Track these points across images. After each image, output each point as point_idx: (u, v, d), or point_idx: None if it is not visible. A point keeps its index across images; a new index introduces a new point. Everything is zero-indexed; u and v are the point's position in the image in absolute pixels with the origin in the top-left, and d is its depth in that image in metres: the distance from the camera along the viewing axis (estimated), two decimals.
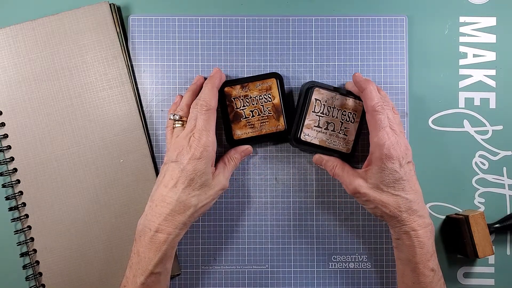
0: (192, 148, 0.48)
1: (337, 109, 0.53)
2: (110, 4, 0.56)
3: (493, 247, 0.55)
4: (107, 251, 0.55)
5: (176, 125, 0.52)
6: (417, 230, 0.47)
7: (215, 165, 0.52)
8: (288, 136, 0.54)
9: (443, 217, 0.58)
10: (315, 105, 0.53)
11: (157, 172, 0.56)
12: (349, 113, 0.54)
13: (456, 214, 0.56)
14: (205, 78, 0.55)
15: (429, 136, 0.58)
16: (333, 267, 0.57)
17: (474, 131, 0.58)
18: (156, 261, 0.47)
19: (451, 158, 0.58)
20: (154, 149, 0.57)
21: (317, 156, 0.55)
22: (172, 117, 0.52)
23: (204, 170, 0.48)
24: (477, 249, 0.53)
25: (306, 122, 0.53)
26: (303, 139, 0.53)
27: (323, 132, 0.53)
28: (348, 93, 0.54)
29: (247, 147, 0.55)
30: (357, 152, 0.57)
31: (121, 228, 0.55)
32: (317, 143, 0.53)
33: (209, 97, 0.50)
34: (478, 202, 0.58)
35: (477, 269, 0.57)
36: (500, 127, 0.58)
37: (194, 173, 0.47)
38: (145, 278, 0.47)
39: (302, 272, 0.57)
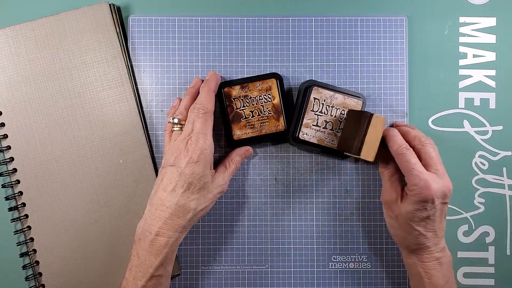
0: (190, 151, 0.48)
1: (335, 108, 0.53)
2: (110, 5, 0.56)
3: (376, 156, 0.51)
4: (107, 251, 0.55)
5: (175, 129, 0.52)
6: (425, 262, 0.48)
7: (216, 168, 0.52)
8: (287, 136, 0.54)
9: None
10: (313, 104, 0.53)
11: (157, 172, 0.56)
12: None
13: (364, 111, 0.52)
14: (203, 81, 0.55)
15: (429, 136, 0.58)
16: (333, 267, 0.57)
17: (474, 131, 0.58)
18: (157, 264, 0.47)
19: (451, 158, 0.58)
20: (154, 149, 0.57)
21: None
22: (171, 121, 0.52)
23: (202, 173, 0.48)
24: (363, 147, 0.49)
25: (305, 121, 0.53)
26: (301, 138, 0.53)
27: (322, 131, 0.53)
28: (347, 92, 0.54)
29: (248, 149, 0.55)
30: None
31: (121, 228, 0.55)
32: (316, 142, 0.53)
33: (206, 101, 0.50)
34: (478, 202, 0.58)
35: (477, 269, 0.57)
36: (500, 127, 0.58)
37: (192, 176, 0.47)
38: (146, 281, 0.47)
39: (302, 272, 0.57)
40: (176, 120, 0.51)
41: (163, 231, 0.47)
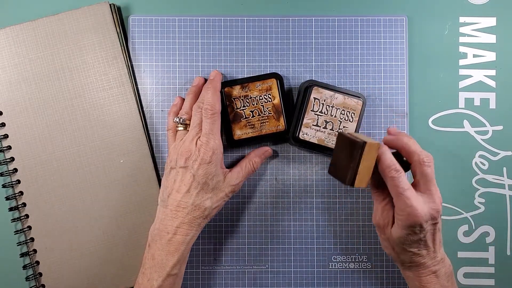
0: (201, 152, 0.48)
1: (335, 108, 0.53)
2: (110, 4, 0.56)
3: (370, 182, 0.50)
4: (107, 251, 0.55)
5: (179, 128, 0.52)
6: (421, 277, 0.47)
7: (232, 168, 0.53)
8: (287, 136, 0.54)
9: (443, 217, 0.57)
10: (313, 104, 0.53)
11: (157, 172, 0.56)
12: (348, 112, 0.54)
13: (349, 134, 0.49)
14: (206, 79, 0.55)
15: (429, 136, 0.58)
16: (333, 267, 0.57)
17: (474, 131, 0.58)
18: (174, 262, 0.48)
19: (451, 158, 0.58)
20: (154, 149, 0.57)
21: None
22: (177, 120, 0.52)
23: (215, 173, 0.49)
24: (357, 177, 0.47)
25: (305, 121, 0.53)
26: (301, 138, 0.53)
27: (322, 131, 0.53)
28: (347, 92, 0.54)
29: (267, 149, 0.55)
30: None
31: (121, 228, 0.55)
32: (316, 142, 0.53)
33: (213, 101, 0.50)
34: (478, 202, 0.58)
35: (477, 269, 0.57)
36: (500, 127, 0.58)
37: (205, 177, 0.48)
38: (163, 280, 0.48)
39: (302, 272, 0.57)
40: (181, 120, 0.52)
41: (181, 230, 0.48)
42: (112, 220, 0.55)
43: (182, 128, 0.52)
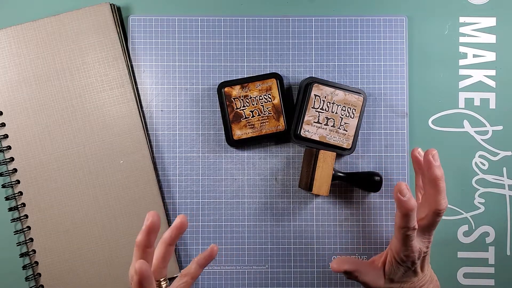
0: None
1: (336, 104, 0.53)
2: (110, 5, 0.56)
3: (330, 189, 0.54)
4: (106, 252, 0.55)
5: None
6: None
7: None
8: (288, 134, 0.54)
9: (443, 217, 0.57)
10: (314, 101, 0.53)
11: (157, 172, 0.56)
12: (349, 109, 0.54)
13: (311, 147, 0.54)
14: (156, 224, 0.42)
15: (429, 137, 0.58)
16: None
17: (474, 131, 0.58)
18: None
19: (451, 159, 0.58)
20: (154, 150, 0.57)
21: (336, 264, 0.50)
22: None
23: None
24: (314, 183, 0.52)
25: (306, 118, 0.53)
26: (303, 135, 0.53)
27: (323, 128, 0.53)
28: (348, 88, 0.54)
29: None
30: (357, 147, 0.57)
31: (121, 229, 0.55)
32: (317, 139, 0.53)
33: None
34: (478, 202, 0.58)
35: (477, 269, 0.57)
36: (500, 127, 0.58)
37: None
38: None
39: (302, 272, 0.57)
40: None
41: None
42: (112, 221, 0.55)
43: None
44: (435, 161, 0.46)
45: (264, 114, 0.54)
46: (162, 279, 0.45)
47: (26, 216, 0.55)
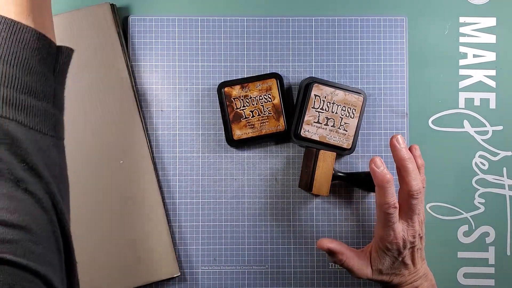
0: None
1: (336, 104, 0.53)
2: (110, 5, 0.56)
3: (331, 190, 0.53)
4: (106, 253, 0.55)
5: None
6: None
7: None
8: (288, 134, 0.54)
9: (443, 218, 0.57)
10: (314, 101, 0.53)
11: (156, 173, 0.56)
12: (349, 108, 0.54)
13: (311, 147, 0.54)
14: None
15: (429, 137, 0.58)
16: (333, 267, 0.57)
17: (474, 131, 0.58)
18: None
19: (451, 159, 0.58)
20: (153, 150, 0.57)
21: (322, 241, 0.50)
22: None
23: None
24: (314, 183, 0.52)
25: (306, 118, 0.53)
26: (303, 135, 0.53)
27: (323, 128, 0.53)
28: (348, 88, 0.54)
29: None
30: (357, 147, 0.57)
31: (121, 229, 0.55)
32: (317, 139, 0.53)
33: None
34: (478, 202, 0.58)
35: (477, 269, 0.57)
36: (500, 128, 0.58)
37: None
38: None
39: (302, 272, 0.57)
40: None
41: None
42: (111, 221, 0.55)
43: None
44: (400, 144, 0.47)
45: (264, 114, 0.54)
46: None
47: None
